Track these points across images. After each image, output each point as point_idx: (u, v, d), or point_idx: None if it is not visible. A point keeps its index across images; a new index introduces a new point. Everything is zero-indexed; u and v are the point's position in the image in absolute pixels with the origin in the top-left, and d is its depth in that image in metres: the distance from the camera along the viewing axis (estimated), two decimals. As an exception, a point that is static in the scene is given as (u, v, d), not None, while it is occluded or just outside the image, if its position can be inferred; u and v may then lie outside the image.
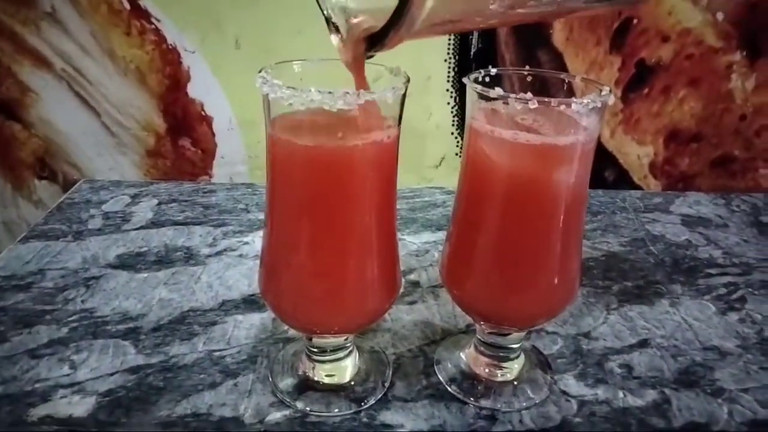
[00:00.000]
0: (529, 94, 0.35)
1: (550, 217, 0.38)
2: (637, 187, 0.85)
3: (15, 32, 0.72)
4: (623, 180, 0.84)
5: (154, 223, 0.68)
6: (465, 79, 0.38)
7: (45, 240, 0.64)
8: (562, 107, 0.36)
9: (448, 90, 0.77)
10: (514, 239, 0.39)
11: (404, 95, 0.36)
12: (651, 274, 0.63)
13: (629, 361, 0.50)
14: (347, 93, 0.33)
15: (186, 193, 0.76)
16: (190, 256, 0.62)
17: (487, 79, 0.40)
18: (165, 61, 0.74)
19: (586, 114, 0.36)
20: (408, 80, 0.37)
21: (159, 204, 0.73)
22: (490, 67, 0.41)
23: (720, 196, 0.82)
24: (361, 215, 0.38)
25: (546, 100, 0.34)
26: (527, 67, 0.42)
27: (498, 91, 0.36)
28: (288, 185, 0.38)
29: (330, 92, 0.33)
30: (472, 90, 0.38)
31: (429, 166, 0.82)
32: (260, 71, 0.36)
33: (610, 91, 0.36)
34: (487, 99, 0.37)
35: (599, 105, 0.35)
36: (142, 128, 0.78)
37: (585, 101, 0.35)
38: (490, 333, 0.46)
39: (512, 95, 0.35)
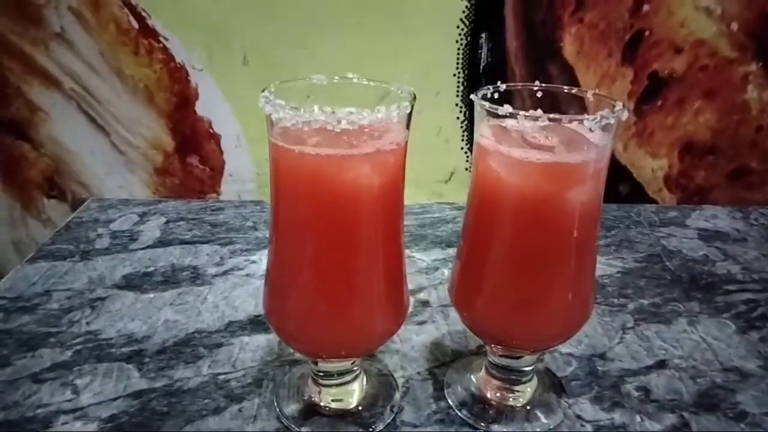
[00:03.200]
0: (539, 111, 0.33)
1: (562, 236, 0.37)
2: (652, 201, 0.83)
3: (24, 52, 0.72)
4: (637, 194, 0.82)
5: (162, 242, 0.68)
6: (473, 96, 0.37)
7: (52, 260, 0.64)
8: (574, 124, 0.34)
9: (457, 104, 0.76)
10: (525, 259, 0.38)
11: (410, 112, 0.36)
12: (668, 291, 0.61)
13: (646, 383, 0.48)
14: (351, 113, 0.32)
15: (194, 211, 0.76)
16: (196, 276, 0.61)
17: (496, 95, 0.39)
18: (173, 80, 0.74)
19: (598, 131, 0.35)
20: (414, 98, 0.36)
21: (167, 222, 0.73)
22: (498, 83, 0.40)
23: (737, 209, 0.80)
24: (367, 231, 0.37)
25: (557, 116, 0.33)
26: (537, 82, 0.41)
27: (506, 108, 0.34)
28: (292, 198, 0.37)
29: (333, 112, 0.32)
30: (480, 107, 0.37)
31: (439, 181, 0.81)
32: (263, 91, 0.35)
33: (624, 106, 0.35)
34: (496, 116, 0.36)
35: (612, 122, 0.34)
36: (150, 146, 0.78)
37: (597, 118, 0.34)
38: (501, 356, 0.44)
39: (522, 112, 0.34)
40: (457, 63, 0.74)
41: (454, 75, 0.75)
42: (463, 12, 0.71)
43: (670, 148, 0.80)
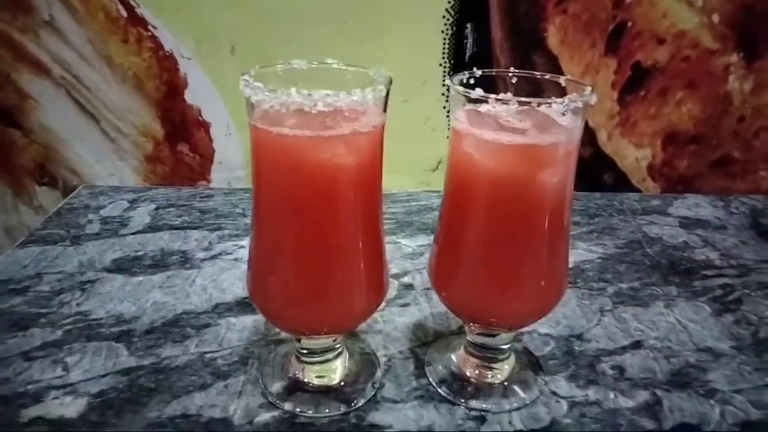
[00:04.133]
0: (509, 95, 0.35)
1: (535, 216, 0.38)
2: (636, 190, 0.84)
3: (14, 40, 0.73)
4: (622, 183, 0.84)
5: (152, 228, 0.69)
6: (448, 81, 0.39)
7: (43, 245, 0.65)
8: (544, 108, 0.36)
9: (443, 94, 0.77)
10: (499, 239, 0.39)
11: (387, 94, 0.37)
12: (646, 276, 0.63)
13: (621, 362, 0.50)
14: (327, 95, 0.33)
15: (184, 198, 0.77)
16: (185, 260, 0.62)
17: (472, 81, 0.40)
18: (162, 68, 0.75)
19: (569, 114, 0.36)
20: (390, 82, 0.37)
21: (157, 209, 0.74)
22: (474, 69, 0.41)
23: (719, 198, 0.82)
24: (345, 211, 0.38)
25: (526, 100, 0.35)
26: (512, 69, 0.42)
27: (479, 91, 0.36)
28: (271, 179, 0.38)
29: (309, 94, 0.33)
30: (454, 91, 0.38)
31: (426, 170, 0.82)
32: (243, 75, 0.36)
33: (592, 91, 0.36)
34: (470, 101, 0.37)
35: (580, 105, 0.35)
36: (140, 134, 0.79)
37: (565, 101, 0.35)
38: (479, 334, 0.46)
39: (493, 96, 0.35)
40: (443, 53, 0.75)
41: (440, 65, 0.76)
42: (449, 2, 0.72)
43: (654, 137, 0.81)
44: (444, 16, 0.73)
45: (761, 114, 0.79)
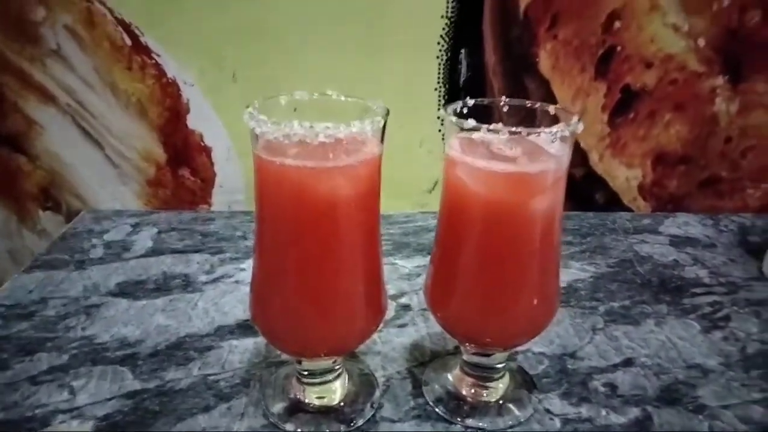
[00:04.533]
0: (500, 125, 0.37)
1: (526, 241, 0.40)
2: (628, 209, 0.86)
3: (22, 69, 0.75)
4: (613, 202, 0.86)
5: (154, 251, 0.71)
6: (441, 111, 0.40)
7: (48, 270, 0.66)
8: (533, 137, 0.37)
9: (438, 117, 0.79)
10: (491, 263, 0.41)
11: (384, 125, 0.39)
12: (637, 294, 0.64)
13: (613, 380, 0.51)
14: (327, 127, 0.35)
15: (185, 221, 0.79)
16: (187, 284, 0.64)
17: (465, 110, 0.42)
18: (165, 94, 0.77)
19: (558, 142, 0.38)
20: (387, 113, 0.39)
21: (159, 233, 0.75)
22: (467, 98, 0.43)
23: (709, 217, 0.84)
24: (345, 238, 0.40)
25: (516, 130, 0.36)
26: (503, 98, 0.44)
27: (471, 122, 0.38)
28: (274, 207, 0.40)
29: (311, 126, 0.35)
30: (448, 120, 0.40)
31: (422, 191, 0.84)
32: (248, 107, 0.38)
33: (579, 120, 0.38)
34: (463, 129, 0.39)
35: (567, 134, 0.37)
36: (143, 159, 0.80)
37: (554, 130, 0.37)
38: (474, 354, 0.47)
39: (485, 126, 0.37)
40: (438, 78, 0.78)
41: (436, 89, 0.78)
42: (443, 29, 0.75)
43: (643, 158, 0.83)
44: (439, 42, 0.75)
45: (747, 134, 0.82)
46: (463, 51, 0.76)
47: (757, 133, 0.81)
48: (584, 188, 0.85)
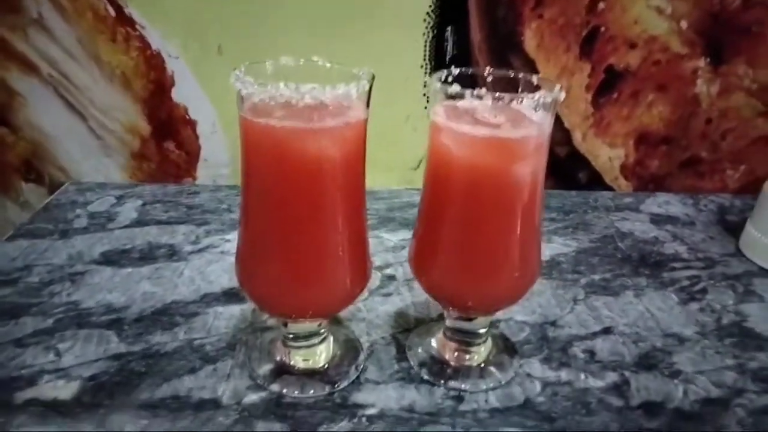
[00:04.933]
0: (483, 90, 0.37)
1: (507, 206, 0.41)
2: (610, 189, 0.88)
3: (3, 38, 0.74)
4: (596, 181, 0.87)
5: (139, 222, 0.71)
6: (427, 78, 0.41)
7: (31, 239, 0.66)
8: (516, 103, 0.38)
9: (424, 95, 0.80)
10: (473, 228, 0.42)
11: (370, 89, 0.39)
12: (618, 268, 0.66)
13: (592, 346, 0.52)
14: (314, 88, 0.35)
15: (170, 194, 0.78)
16: (173, 253, 0.64)
17: (450, 79, 0.43)
18: (149, 67, 0.76)
19: (539, 109, 0.39)
20: (373, 78, 0.39)
21: (143, 204, 0.75)
22: (452, 67, 0.43)
23: (689, 196, 0.85)
24: (329, 200, 0.40)
25: (499, 95, 0.37)
26: (488, 68, 0.44)
27: (455, 87, 0.38)
28: (259, 169, 0.40)
29: (297, 87, 0.35)
30: (434, 87, 0.41)
31: (408, 168, 0.85)
32: (234, 69, 0.38)
33: (561, 88, 0.39)
34: (448, 96, 0.40)
35: (549, 101, 0.38)
36: (127, 131, 0.80)
37: (536, 96, 0.37)
38: (457, 318, 0.48)
39: (469, 90, 0.37)
40: (425, 55, 0.78)
41: (422, 66, 0.78)
42: (429, 6, 0.75)
43: (626, 138, 0.85)
44: (425, 20, 0.76)
45: (727, 116, 0.83)
46: (449, 29, 0.77)
47: (736, 116, 0.83)
48: (567, 167, 0.86)
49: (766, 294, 0.62)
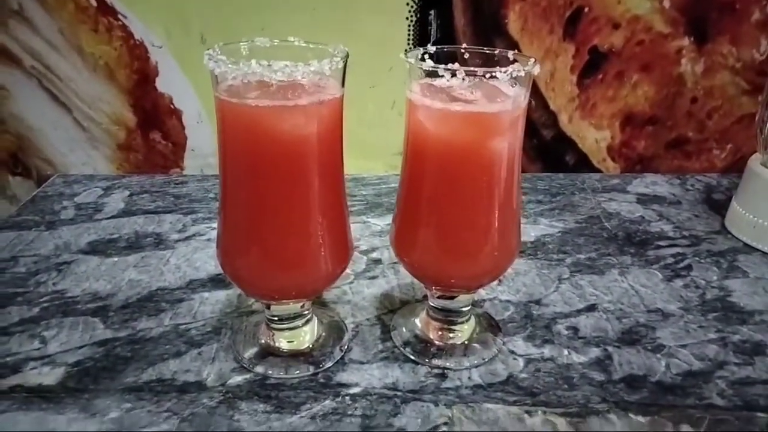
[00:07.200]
0: (456, 65, 0.37)
1: (484, 181, 0.41)
2: (597, 170, 0.88)
3: (-16, 31, 0.74)
4: (583, 164, 0.87)
5: (126, 213, 0.71)
6: (402, 55, 0.41)
7: (18, 230, 0.66)
8: (491, 79, 0.38)
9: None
10: (451, 204, 0.42)
11: (345, 67, 0.39)
12: (603, 247, 0.66)
13: (576, 323, 0.53)
14: (286, 65, 0.35)
15: (158, 184, 0.79)
16: (159, 241, 0.64)
17: (426, 56, 0.43)
18: (133, 57, 0.76)
19: (512, 83, 0.39)
20: (347, 56, 0.39)
21: (131, 195, 0.75)
22: (428, 45, 0.43)
23: (676, 177, 0.86)
24: (306, 180, 0.40)
25: (473, 70, 0.37)
26: (464, 45, 0.44)
27: (429, 63, 0.38)
28: (235, 149, 0.40)
29: (269, 65, 0.35)
30: (408, 64, 0.41)
31: (394, 154, 0.85)
32: (207, 50, 0.38)
33: (535, 62, 0.39)
34: (425, 74, 0.40)
35: (522, 74, 0.38)
36: (112, 123, 0.80)
37: (509, 70, 0.38)
38: (439, 297, 0.48)
39: (442, 66, 0.38)
40: (408, 39, 0.78)
41: (406, 51, 0.78)
42: (413, -11, 0.75)
43: (612, 119, 0.85)
44: (408, 3, 0.76)
45: (712, 95, 0.83)
46: (432, 12, 0.77)
47: (721, 94, 0.83)
48: (554, 150, 0.86)
49: (750, 269, 0.62)
